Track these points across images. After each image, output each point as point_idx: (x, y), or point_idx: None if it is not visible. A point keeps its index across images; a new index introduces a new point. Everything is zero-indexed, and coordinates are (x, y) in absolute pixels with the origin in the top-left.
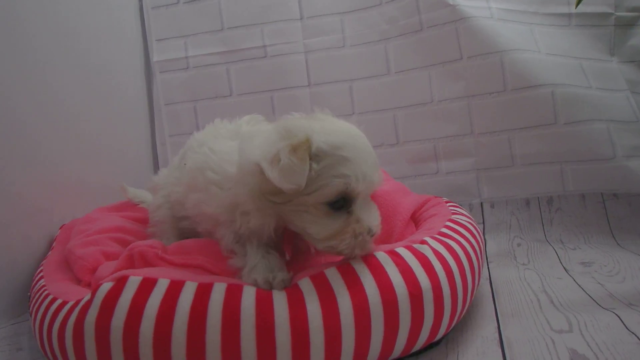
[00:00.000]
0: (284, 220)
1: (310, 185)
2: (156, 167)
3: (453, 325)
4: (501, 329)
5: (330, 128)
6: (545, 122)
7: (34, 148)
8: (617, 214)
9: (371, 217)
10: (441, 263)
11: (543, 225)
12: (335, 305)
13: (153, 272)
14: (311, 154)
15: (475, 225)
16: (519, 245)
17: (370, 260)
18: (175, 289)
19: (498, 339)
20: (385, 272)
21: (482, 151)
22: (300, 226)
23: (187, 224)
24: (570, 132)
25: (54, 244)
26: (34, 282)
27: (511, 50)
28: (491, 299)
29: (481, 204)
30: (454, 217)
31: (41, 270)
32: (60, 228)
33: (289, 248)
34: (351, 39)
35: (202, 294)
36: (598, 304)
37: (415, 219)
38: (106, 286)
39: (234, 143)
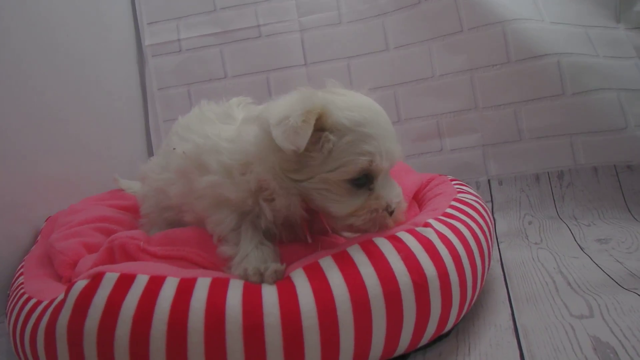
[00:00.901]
0: (306, 199)
1: (333, 162)
2: (150, 154)
3: (463, 314)
4: (515, 316)
5: (352, 103)
6: (552, 94)
7: (18, 138)
8: (632, 186)
9: (392, 194)
10: (447, 247)
11: (555, 201)
12: (331, 299)
13: (132, 267)
14: (328, 126)
15: (483, 203)
16: (530, 223)
17: (369, 248)
18: (154, 285)
19: (513, 327)
20: (386, 260)
21: (488, 126)
22: (321, 205)
23: (171, 214)
24: (579, 103)
25: (38, 238)
26: (14, 279)
27: (513, 20)
28: (503, 282)
29: (489, 181)
30: (459, 195)
31: (22, 266)
32: (46, 220)
33: (309, 231)
34: (347, 15)
35: (184, 291)
36: (619, 285)
37: (419, 199)
38: (80, 284)
39: (234, 127)
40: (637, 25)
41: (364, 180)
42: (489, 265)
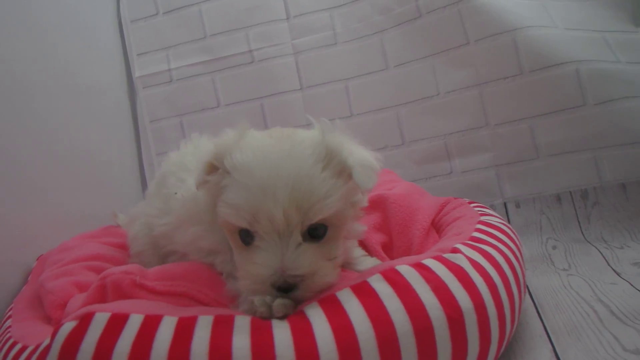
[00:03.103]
0: None
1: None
2: (144, 188)
3: (501, 352)
4: (558, 352)
5: (248, 143)
6: (572, 105)
7: (7, 173)
8: None
9: (284, 261)
10: (482, 276)
11: (579, 223)
12: (353, 337)
13: (124, 305)
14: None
15: (509, 226)
16: (554, 248)
17: (393, 277)
18: (150, 326)
19: None
20: (414, 292)
21: (501, 144)
22: None
23: (175, 258)
24: (603, 114)
25: (29, 277)
26: (2, 322)
27: (524, 28)
28: (536, 313)
29: (505, 204)
30: (483, 218)
31: (11, 309)
32: (37, 259)
33: None
34: (343, 35)
35: (184, 331)
36: None
37: (436, 225)
38: (68, 327)
39: None
40: None
41: (246, 234)
42: (525, 294)
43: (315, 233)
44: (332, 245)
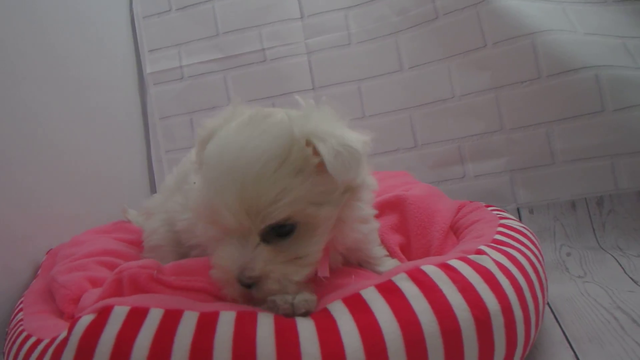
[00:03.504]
0: None
1: None
2: (152, 185)
3: (525, 356)
4: (580, 359)
5: (219, 134)
6: (590, 111)
7: (17, 169)
8: None
9: (240, 259)
10: (508, 278)
11: (594, 230)
12: (380, 337)
13: (143, 299)
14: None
15: (529, 229)
16: (568, 255)
17: (418, 277)
18: (171, 321)
19: None
20: (441, 292)
21: (516, 149)
22: None
23: (197, 252)
24: (621, 120)
25: (39, 271)
26: (13, 315)
27: (544, 32)
28: (554, 320)
29: (518, 209)
30: (503, 221)
31: (21, 302)
32: (47, 253)
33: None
34: (357, 35)
35: (206, 327)
36: None
37: (453, 228)
38: (85, 320)
39: None
40: None
41: None
42: (547, 298)
43: (281, 231)
44: (301, 243)
